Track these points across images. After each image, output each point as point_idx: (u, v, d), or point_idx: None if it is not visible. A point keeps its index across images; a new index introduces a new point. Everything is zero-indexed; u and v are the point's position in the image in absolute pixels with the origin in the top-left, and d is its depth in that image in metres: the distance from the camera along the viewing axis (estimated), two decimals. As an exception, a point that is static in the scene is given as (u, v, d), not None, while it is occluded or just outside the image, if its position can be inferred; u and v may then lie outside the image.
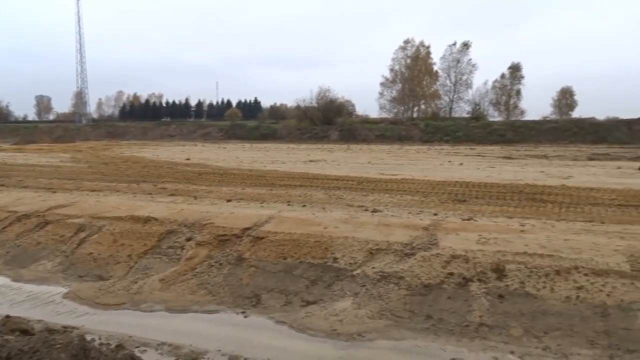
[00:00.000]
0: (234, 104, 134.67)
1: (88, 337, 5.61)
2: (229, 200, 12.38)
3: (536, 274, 7.21)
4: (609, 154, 28.98)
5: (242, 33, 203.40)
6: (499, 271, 7.33)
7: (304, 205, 11.62)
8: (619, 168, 20.73)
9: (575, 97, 67.35)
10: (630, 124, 44.59)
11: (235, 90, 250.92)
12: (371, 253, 8.24)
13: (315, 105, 60.71)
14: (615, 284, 6.87)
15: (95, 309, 7.35)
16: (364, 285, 7.45)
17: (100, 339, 6.10)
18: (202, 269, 8.42)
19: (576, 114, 62.89)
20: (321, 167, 21.44)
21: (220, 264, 8.46)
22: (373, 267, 7.81)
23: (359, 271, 7.77)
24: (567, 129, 43.84)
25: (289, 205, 11.75)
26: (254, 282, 7.89)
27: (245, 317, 7.06)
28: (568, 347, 6.03)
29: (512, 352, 5.98)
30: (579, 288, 6.87)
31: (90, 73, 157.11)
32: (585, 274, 7.13)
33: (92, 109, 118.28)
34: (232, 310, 7.28)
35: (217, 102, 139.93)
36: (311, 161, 24.92)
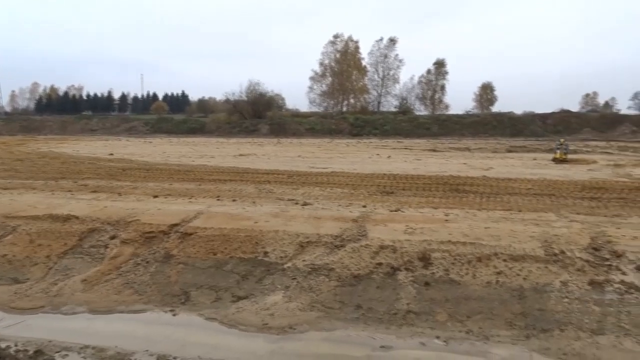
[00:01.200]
0: (160, 97, 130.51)
1: (2, 345, 5.29)
2: (155, 197, 12.01)
3: (460, 261, 7.54)
4: (526, 146, 30.67)
5: (170, 24, 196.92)
6: (425, 260, 7.60)
7: (234, 200, 11.48)
8: (534, 159, 21.98)
9: (495, 93, 70.65)
10: (545, 118, 47.45)
11: (161, 83, 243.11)
12: (302, 246, 8.28)
13: (245, 98, 60.02)
14: (531, 268, 7.30)
15: (10, 314, 6.92)
16: (295, 278, 7.48)
17: (16, 345, 5.76)
18: (128, 267, 8.13)
19: (496, 108, 65.93)
20: (251, 161, 21.26)
21: (147, 262, 8.21)
22: (304, 260, 7.85)
23: (289, 264, 7.79)
24: (488, 123, 45.96)
25: (218, 200, 11.56)
26: (182, 279, 7.72)
27: (174, 315, 6.90)
28: (489, 329, 6.35)
29: (437, 337, 6.22)
30: (499, 273, 7.24)
31: (2, 64, 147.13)
32: (504, 260, 7.53)
33: (4, 101, 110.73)
34: (160, 309, 7.09)
35: (142, 96, 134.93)
36: (241, 155, 24.65)
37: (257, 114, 56.50)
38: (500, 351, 5.92)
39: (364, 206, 10.81)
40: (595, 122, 44.98)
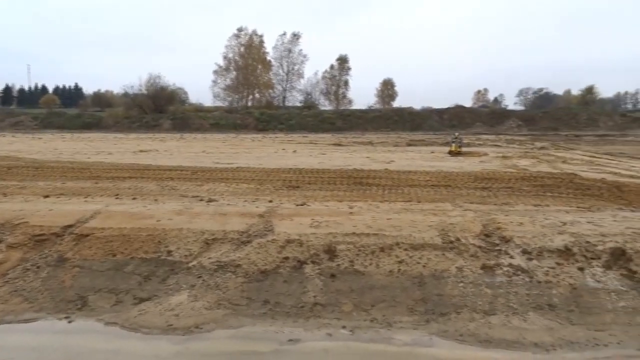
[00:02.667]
0: (50, 89, 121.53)
1: None
2: (46, 196, 11.19)
3: (364, 252, 7.76)
4: (424, 140, 32.19)
5: (61, 10, 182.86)
6: (331, 252, 7.74)
7: (134, 198, 10.99)
8: (432, 152, 23.13)
9: (396, 88, 73.34)
10: (442, 113, 50.07)
11: (51, 75, 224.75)
12: (207, 243, 8.11)
13: (145, 92, 57.57)
14: (430, 256, 7.68)
15: None
16: (201, 277, 7.31)
17: None
18: (16, 274, 7.51)
19: (397, 104, 68.54)
20: (153, 158, 20.46)
21: (38, 267, 7.63)
22: (209, 258, 7.70)
23: (194, 263, 7.60)
24: (389, 118, 47.68)
25: (117, 198, 11.01)
26: (78, 284, 7.26)
27: (70, 322, 6.48)
28: (392, 316, 6.60)
29: (344, 327, 6.36)
30: (400, 262, 7.54)
31: None
32: (405, 249, 7.86)
33: None
34: (54, 316, 6.63)
35: (30, 88, 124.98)
36: (142, 151, 23.65)
37: (158, 108, 54.41)
38: (402, 337, 6.17)
39: (270, 201, 10.80)
40: (486, 117, 48.12)
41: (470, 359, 5.75)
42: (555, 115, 48.01)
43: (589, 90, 68.74)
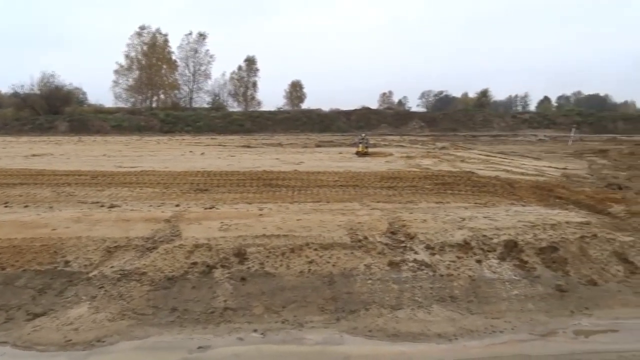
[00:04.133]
0: None
1: None
2: None
3: (274, 253, 7.74)
4: (333, 141, 32.75)
5: None
6: (241, 255, 7.63)
7: (26, 206, 10.21)
8: (340, 153, 23.58)
9: (305, 90, 73.96)
10: (349, 114, 51.22)
11: None
12: (109, 251, 7.70)
13: (38, 92, 53.69)
14: (339, 255, 7.82)
15: None
16: (103, 287, 6.92)
17: None
18: None
19: (305, 105, 69.07)
20: (47, 162, 19.12)
21: None
22: (112, 267, 7.31)
23: (95, 272, 7.18)
24: (298, 119, 48.01)
25: (6, 207, 10.17)
26: (-39, 302, 6.61)
27: (-50, 345, 5.88)
28: (303, 316, 6.63)
29: (255, 330, 6.30)
30: (311, 262, 7.61)
31: None
32: (315, 249, 7.93)
33: None
34: None
35: None
36: (34, 155, 22.04)
37: (53, 109, 50.91)
38: (313, 336, 6.22)
39: (177, 205, 10.48)
40: (391, 118, 49.86)
41: (379, 354, 5.90)
42: (454, 117, 50.76)
43: (484, 94, 73.32)
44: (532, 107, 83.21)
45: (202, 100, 66.63)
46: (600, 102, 78.86)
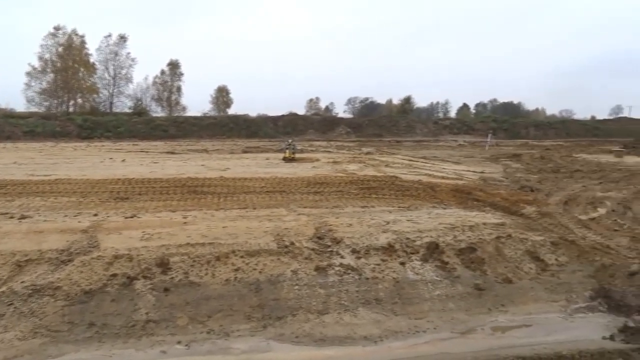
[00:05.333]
0: None
1: None
2: None
3: (199, 262, 7.57)
4: (260, 147, 32.49)
5: None
6: (164, 265, 7.40)
7: None
8: (267, 159, 23.42)
9: (231, 96, 72.96)
10: (276, 120, 51.05)
11: None
12: (19, 266, 7.22)
13: (-62, 95, 49.62)
14: (266, 262, 7.77)
15: None
16: (12, 304, 6.47)
17: None
18: None
19: (232, 111, 68.11)
20: (-50, 171, 17.65)
21: None
22: (22, 282, 6.86)
23: (4, 289, 6.71)
24: (225, 125, 47.20)
25: None
26: None
27: None
28: (229, 325, 6.52)
29: (179, 342, 6.12)
30: (237, 270, 7.50)
31: None
32: (242, 256, 7.84)
33: None
34: None
35: None
36: None
37: (-44, 114, 47.24)
38: (240, 345, 6.14)
39: (96, 215, 10.00)
40: (318, 124, 50.22)
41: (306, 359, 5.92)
42: (379, 123, 51.94)
43: (407, 100, 75.56)
44: (453, 113, 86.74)
45: (124, 105, 63.99)
46: (514, 109, 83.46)
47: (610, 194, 14.98)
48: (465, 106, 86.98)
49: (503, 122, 53.31)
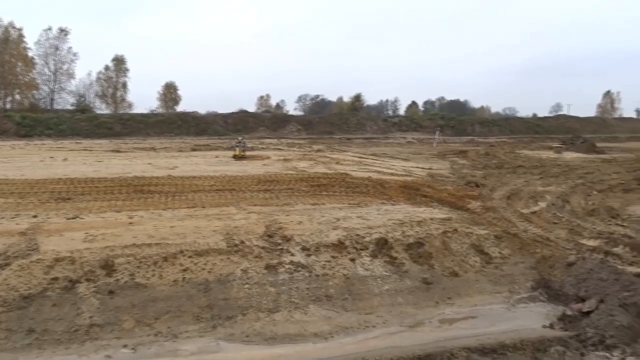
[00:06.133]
0: None
1: None
2: None
3: (145, 263, 7.37)
4: (209, 144, 32.01)
5: None
6: (109, 267, 7.16)
7: None
8: (217, 157, 23.10)
9: (179, 92, 71.40)
10: (226, 117, 50.38)
11: None
12: (-49, 271, 6.82)
13: None
14: (215, 261, 7.65)
15: None
16: (-58, 312, 6.12)
17: None
18: None
19: (181, 108, 66.61)
20: None
21: None
22: (-46, 288, 6.49)
23: None
24: (173, 122, 46.18)
25: None
26: None
27: None
28: (177, 327, 6.40)
29: (125, 346, 5.95)
30: (185, 270, 7.36)
31: None
32: (190, 256, 7.69)
33: None
34: None
35: None
36: None
37: None
38: (189, 347, 6.03)
39: (35, 216, 9.58)
40: (268, 122, 49.94)
41: (256, 359, 5.88)
42: (330, 120, 52.17)
43: (357, 98, 76.12)
44: (402, 111, 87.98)
45: (65, 102, 61.50)
46: (461, 107, 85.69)
47: (550, 189, 15.65)
48: (414, 104, 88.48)
49: (450, 119, 54.66)
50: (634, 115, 75.18)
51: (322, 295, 7.26)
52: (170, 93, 71.89)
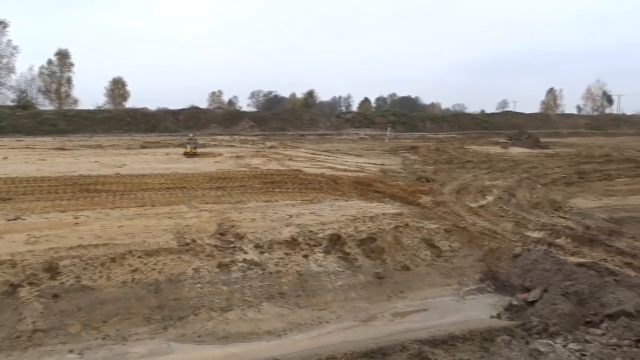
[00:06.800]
0: None
1: None
2: None
3: (92, 265, 7.13)
4: (160, 142, 31.24)
5: None
6: (53, 270, 6.89)
7: None
8: (167, 154, 22.60)
9: (128, 88, 69.41)
10: (177, 114, 49.37)
11: None
12: None
13: None
14: (166, 261, 7.49)
15: None
16: None
17: None
18: None
19: (129, 104, 64.77)
20: None
21: None
22: None
23: None
24: (122, 119, 44.87)
25: None
26: None
27: None
28: (127, 329, 6.22)
29: (71, 351, 5.75)
30: (134, 271, 7.17)
31: None
32: (139, 256, 7.50)
33: None
34: None
35: None
36: None
37: None
38: (139, 349, 5.89)
39: (-28, 218, 9.11)
40: (221, 118, 49.28)
41: (208, 359, 5.80)
42: (283, 117, 51.98)
43: (310, 94, 76.25)
44: (354, 107, 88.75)
45: (5, 98, 58.64)
46: (412, 104, 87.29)
47: (497, 183, 16.15)
48: (366, 100, 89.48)
49: (401, 116, 55.54)
50: (575, 111, 78.67)
51: (276, 293, 7.23)
52: (118, 89, 69.91)
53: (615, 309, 6.23)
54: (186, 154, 21.55)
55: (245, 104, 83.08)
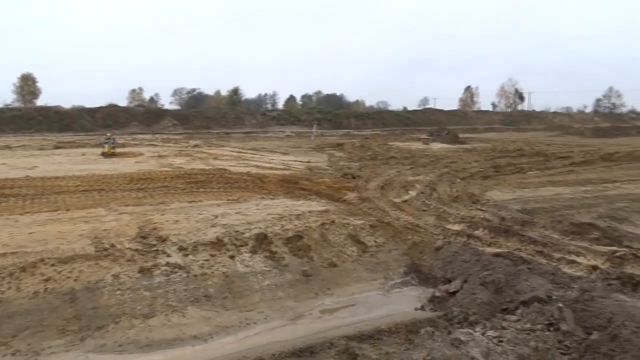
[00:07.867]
0: None
1: None
2: None
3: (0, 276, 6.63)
4: (75, 141, 29.66)
5: None
6: (-47, 283, 6.34)
7: None
8: (83, 155, 21.50)
9: (39, 85, 65.38)
10: (94, 112, 47.10)
11: None
12: None
13: None
14: (82, 268, 7.10)
15: None
16: None
17: None
18: None
19: (41, 102, 61.02)
20: None
21: None
22: None
23: None
24: (32, 118, 42.20)
25: None
26: None
27: None
28: (39, 343, 5.83)
29: (-25, 371, 5.31)
30: (47, 280, 6.74)
31: None
32: (53, 264, 7.06)
33: None
34: None
35: None
36: None
37: None
38: (53, 363, 5.53)
39: None
40: (141, 116, 47.56)
41: (130, 369, 5.55)
42: (207, 115, 50.99)
43: (235, 92, 75.27)
44: (280, 105, 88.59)
45: None
46: (337, 101, 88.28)
47: (419, 178, 16.66)
48: (292, 97, 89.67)
49: (327, 113, 56.11)
50: (490, 108, 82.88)
51: (201, 296, 7.04)
52: (28, 86, 65.73)
53: (528, 296, 6.58)
54: (104, 154, 20.62)
55: (168, 102, 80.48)
